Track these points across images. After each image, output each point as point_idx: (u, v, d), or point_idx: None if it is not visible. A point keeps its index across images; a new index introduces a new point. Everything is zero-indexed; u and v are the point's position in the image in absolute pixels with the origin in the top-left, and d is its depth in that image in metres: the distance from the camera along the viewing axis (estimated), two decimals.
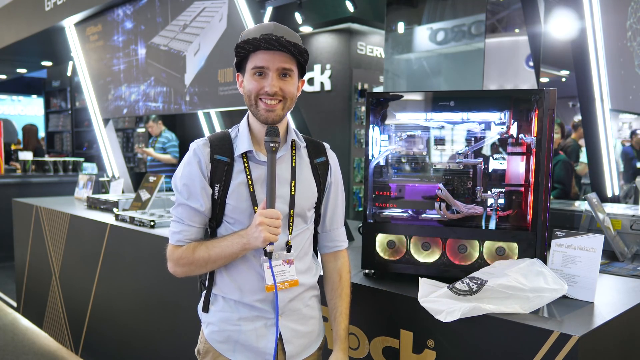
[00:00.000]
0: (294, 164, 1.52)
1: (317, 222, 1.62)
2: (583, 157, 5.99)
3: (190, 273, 1.49)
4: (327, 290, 1.63)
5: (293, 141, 1.53)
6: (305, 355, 1.57)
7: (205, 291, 1.55)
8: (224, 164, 1.45)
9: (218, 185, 1.45)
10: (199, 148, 1.46)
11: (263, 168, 1.47)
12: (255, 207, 1.44)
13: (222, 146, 1.47)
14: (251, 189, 1.45)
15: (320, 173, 1.57)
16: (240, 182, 1.46)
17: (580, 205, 2.97)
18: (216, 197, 1.45)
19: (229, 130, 1.53)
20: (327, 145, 1.64)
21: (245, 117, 1.53)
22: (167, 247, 1.51)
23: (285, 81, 1.42)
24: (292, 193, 1.48)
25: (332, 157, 1.63)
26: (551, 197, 2.59)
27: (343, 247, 1.67)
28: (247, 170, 1.46)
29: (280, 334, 1.49)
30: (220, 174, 1.45)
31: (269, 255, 1.42)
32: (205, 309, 1.54)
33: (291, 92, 1.44)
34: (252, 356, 1.49)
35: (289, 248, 1.48)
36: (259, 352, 1.49)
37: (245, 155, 1.47)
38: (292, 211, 1.48)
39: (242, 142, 1.47)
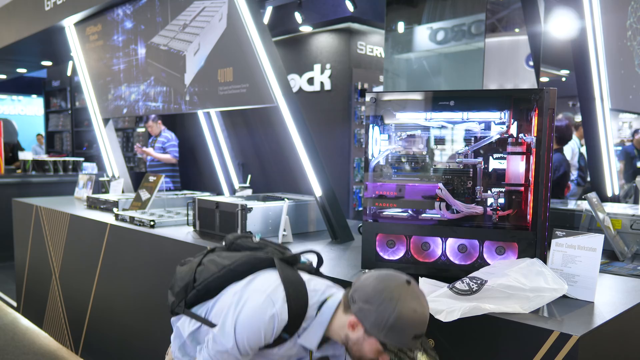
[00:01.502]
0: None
1: None
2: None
3: None
4: None
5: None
6: None
7: None
8: (283, 339, 1.48)
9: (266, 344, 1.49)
10: (279, 325, 1.45)
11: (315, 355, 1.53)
12: None
13: (294, 324, 1.47)
14: None
15: None
16: (284, 350, 1.50)
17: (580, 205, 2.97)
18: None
19: (310, 296, 1.49)
20: None
21: (331, 312, 1.48)
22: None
23: None
24: None
25: None
26: None
27: None
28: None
29: None
30: (276, 342, 1.49)
31: None
32: None
33: None
34: None
35: None
36: None
37: None
38: None
39: (310, 339, 1.48)
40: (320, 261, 1.69)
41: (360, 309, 1.38)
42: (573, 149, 5.90)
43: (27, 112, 15.57)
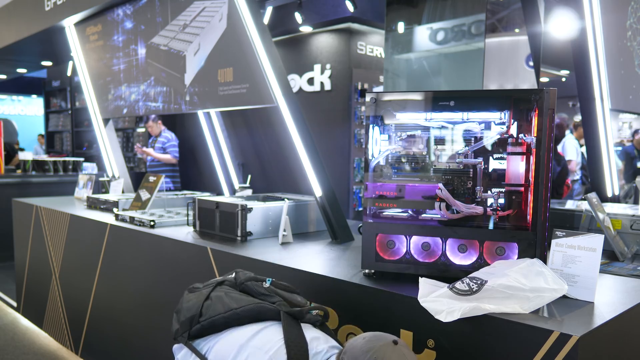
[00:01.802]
0: None
1: None
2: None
3: None
4: None
5: None
6: None
7: None
8: None
9: None
10: None
11: None
12: None
13: None
14: None
15: None
16: None
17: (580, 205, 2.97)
18: None
19: (311, 358, 1.49)
20: None
21: None
22: None
23: None
24: None
25: None
26: None
27: None
28: None
29: None
30: None
31: None
32: None
33: None
34: None
35: None
36: None
37: None
38: None
39: None
40: (326, 316, 1.69)
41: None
42: (577, 148, 5.91)
43: (27, 112, 15.58)
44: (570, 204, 3.00)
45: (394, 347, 1.38)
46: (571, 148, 5.73)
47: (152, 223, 2.94)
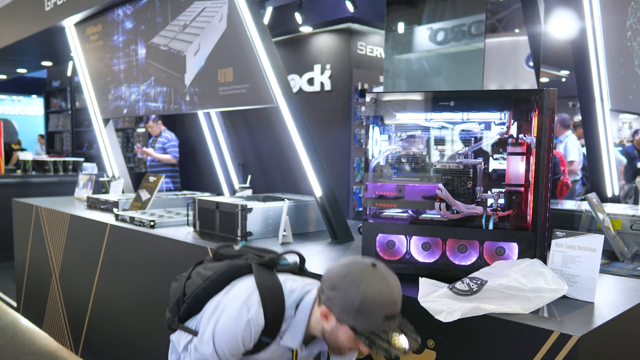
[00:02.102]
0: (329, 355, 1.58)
1: None
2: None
3: None
4: None
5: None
6: None
7: None
8: (265, 343, 1.49)
9: (251, 350, 1.49)
10: (256, 331, 1.46)
11: (288, 351, 1.52)
12: None
13: (273, 329, 1.47)
14: None
15: None
16: (269, 355, 1.50)
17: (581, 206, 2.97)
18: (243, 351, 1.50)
19: (286, 299, 1.50)
20: None
21: (309, 309, 1.49)
22: None
23: None
24: None
25: None
26: None
27: None
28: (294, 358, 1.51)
29: None
30: (259, 347, 1.49)
31: None
32: None
33: None
34: None
35: None
36: None
37: None
38: None
39: (293, 338, 1.48)
40: (302, 260, 1.70)
41: (328, 298, 1.39)
42: (579, 149, 5.90)
43: (27, 112, 15.58)
44: (570, 204, 3.00)
45: (372, 269, 1.38)
46: (573, 149, 5.72)
47: (152, 223, 2.94)
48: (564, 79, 9.68)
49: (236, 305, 1.47)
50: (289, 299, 1.50)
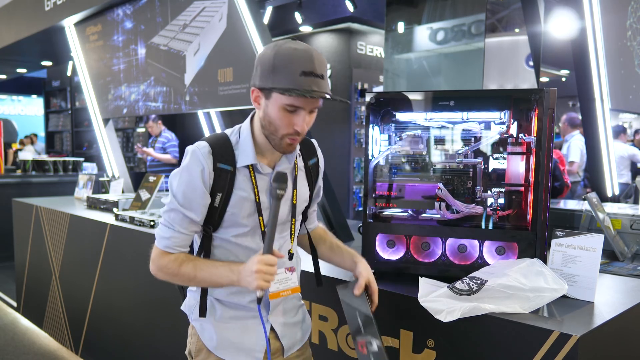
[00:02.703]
0: (296, 173, 1.52)
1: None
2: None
3: (171, 282, 1.47)
4: (318, 247, 1.68)
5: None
6: (300, 345, 1.59)
7: (200, 297, 1.52)
8: (227, 172, 1.41)
9: (220, 194, 1.41)
10: (202, 155, 1.40)
11: (266, 179, 1.46)
12: (260, 217, 1.44)
13: (224, 153, 1.42)
14: (257, 200, 1.43)
15: (312, 175, 1.58)
16: (244, 192, 1.43)
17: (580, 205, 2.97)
18: (216, 205, 1.42)
19: (228, 134, 1.47)
20: (315, 142, 1.63)
21: (248, 125, 1.46)
22: (152, 248, 1.48)
23: (311, 116, 1.39)
24: (295, 202, 1.49)
25: (320, 154, 1.64)
26: None
27: (318, 224, 1.74)
28: (253, 180, 1.43)
29: (274, 330, 1.51)
30: (223, 182, 1.41)
31: (258, 300, 1.34)
32: (203, 313, 1.51)
33: (311, 124, 1.41)
34: (244, 355, 1.50)
35: (290, 256, 1.48)
36: (251, 349, 1.49)
37: (250, 165, 1.44)
38: (293, 219, 1.48)
39: (246, 154, 1.43)
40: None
41: (252, 77, 1.39)
42: (582, 150, 5.89)
43: (27, 112, 15.59)
44: (570, 204, 3.00)
45: (289, 40, 1.37)
46: (575, 149, 5.68)
47: (152, 223, 2.94)
48: (564, 79, 9.68)
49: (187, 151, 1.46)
50: (230, 132, 1.48)
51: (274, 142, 1.40)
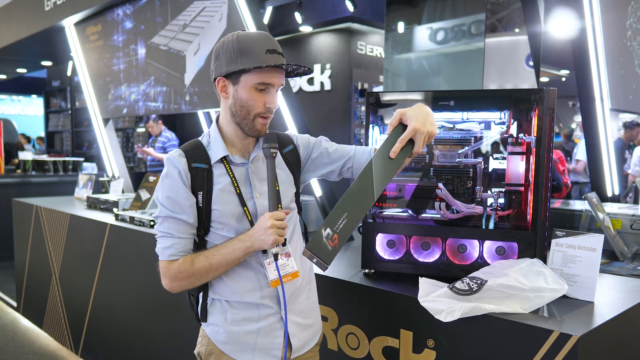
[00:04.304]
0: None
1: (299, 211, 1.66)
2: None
3: (189, 286, 1.47)
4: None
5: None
6: (308, 349, 1.58)
7: (201, 300, 1.53)
8: (203, 170, 1.46)
9: (201, 193, 1.45)
10: (175, 159, 1.45)
11: (242, 169, 1.49)
12: (245, 208, 1.46)
13: (197, 154, 1.47)
14: (238, 191, 1.46)
15: (291, 161, 1.60)
16: (224, 186, 1.46)
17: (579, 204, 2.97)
18: (200, 205, 1.45)
19: (199, 138, 1.54)
20: (290, 133, 1.66)
21: (215, 125, 1.53)
22: (158, 265, 1.48)
23: (277, 94, 1.48)
24: (277, 189, 1.50)
25: (298, 138, 1.65)
26: None
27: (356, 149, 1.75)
28: (230, 173, 1.47)
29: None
30: (200, 181, 1.45)
31: (275, 256, 1.42)
32: (204, 318, 1.52)
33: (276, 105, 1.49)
34: (260, 355, 1.49)
35: (284, 242, 1.49)
36: (267, 348, 1.49)
37: (224, 159, 1.48)
38: (279, 206, 1.49)
39: (217, 148, 1.48)
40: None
41: (216, 69, 1.45)
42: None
43: (27, 112, 15.59)
44: (571, 204, 3.00)
45: (243, 30, 1.47)
46: (582, 149, 5.70)
47: (152, 223, 2.94)
48: (564, 79, 9.68)
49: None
50: (203, 138, 1.54)
51: (247, 127, 1.46)
